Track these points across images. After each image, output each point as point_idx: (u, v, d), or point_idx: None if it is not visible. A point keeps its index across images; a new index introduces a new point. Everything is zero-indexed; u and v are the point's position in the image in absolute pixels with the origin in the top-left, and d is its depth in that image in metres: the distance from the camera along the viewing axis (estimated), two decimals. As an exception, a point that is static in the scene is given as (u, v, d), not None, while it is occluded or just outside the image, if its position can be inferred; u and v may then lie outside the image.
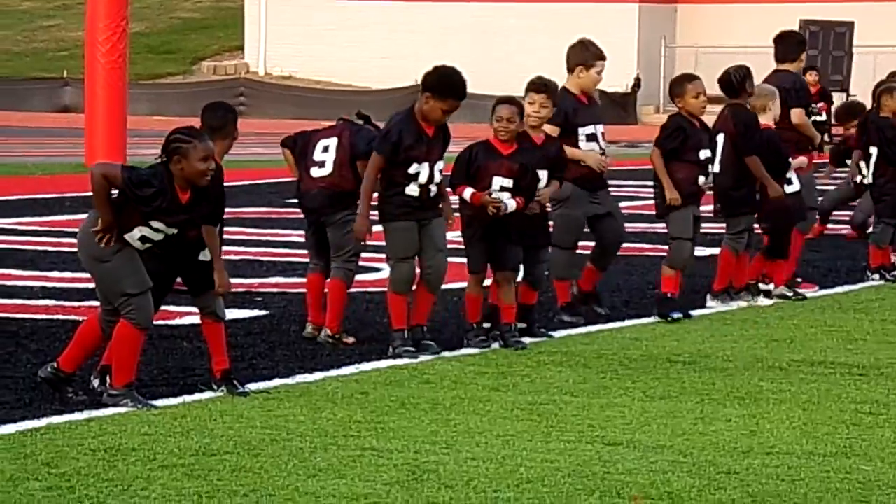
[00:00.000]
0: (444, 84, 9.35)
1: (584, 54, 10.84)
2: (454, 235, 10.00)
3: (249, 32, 45.79)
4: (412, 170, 9.33)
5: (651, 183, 11.31)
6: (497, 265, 9.77)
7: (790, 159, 11.81)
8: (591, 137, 10.78)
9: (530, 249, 10.04)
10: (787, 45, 12.71)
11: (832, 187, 17.00)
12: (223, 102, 8.84)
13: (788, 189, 11.74)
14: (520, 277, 10.08)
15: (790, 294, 11.99)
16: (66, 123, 33.18)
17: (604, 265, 11.15)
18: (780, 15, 38.46)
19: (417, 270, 9.60)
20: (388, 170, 9.36)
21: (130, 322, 7.91)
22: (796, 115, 12.33)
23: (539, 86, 10.11)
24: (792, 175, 11.87)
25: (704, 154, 11.08)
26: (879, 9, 38.86)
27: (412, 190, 9.35)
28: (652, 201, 11.47)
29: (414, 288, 9.54)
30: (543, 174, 9.98)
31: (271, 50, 45.26)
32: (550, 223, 10.47)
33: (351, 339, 9.78)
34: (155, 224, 7.95)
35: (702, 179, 11.06)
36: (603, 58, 10.85)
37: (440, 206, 9.52)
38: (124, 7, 23.31)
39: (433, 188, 9.41)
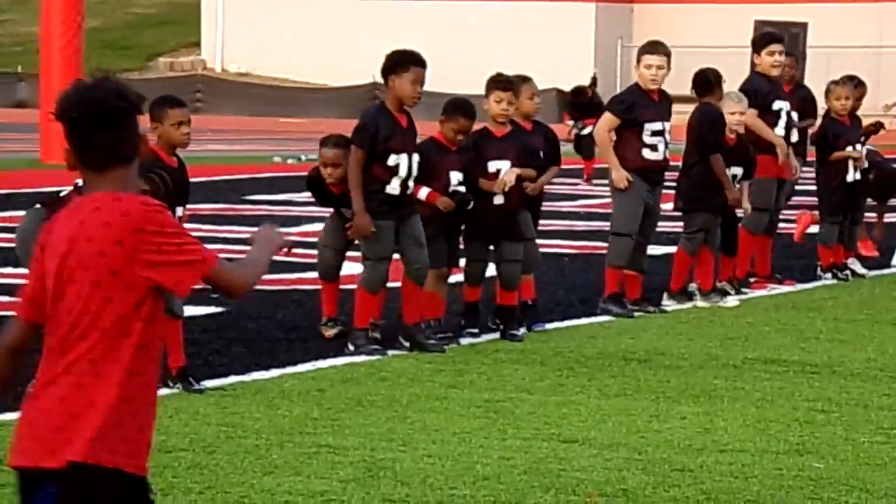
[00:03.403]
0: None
1: (643, 55, 11.12)
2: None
3: (206, 28, 45.64)
4: (391, 161, 9.34)
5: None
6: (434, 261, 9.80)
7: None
8: (658, 133, 10.97)
9: (499, 245, 10.09)
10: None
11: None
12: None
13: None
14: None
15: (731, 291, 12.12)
16: (21, 119, 32.97)
17: (636, 264, 11.09)
18: (735, 15, 38.68)
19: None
20: (367, 165, 9.36)
21: None
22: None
23: (504, 83, 10.17)
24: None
25: None
26: (832, 10, 39.11)
27: (393, 188, 9.35)
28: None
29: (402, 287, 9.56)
30: (506, 164, 10.06)
31: (228, 46, 45.14)
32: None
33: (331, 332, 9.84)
34: None
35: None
36: (657, 52, 11.08)
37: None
38: (80, 2, 23.21)
39: (411, 184, 9.44)
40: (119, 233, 3.86)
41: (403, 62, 9.38)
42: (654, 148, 10.97)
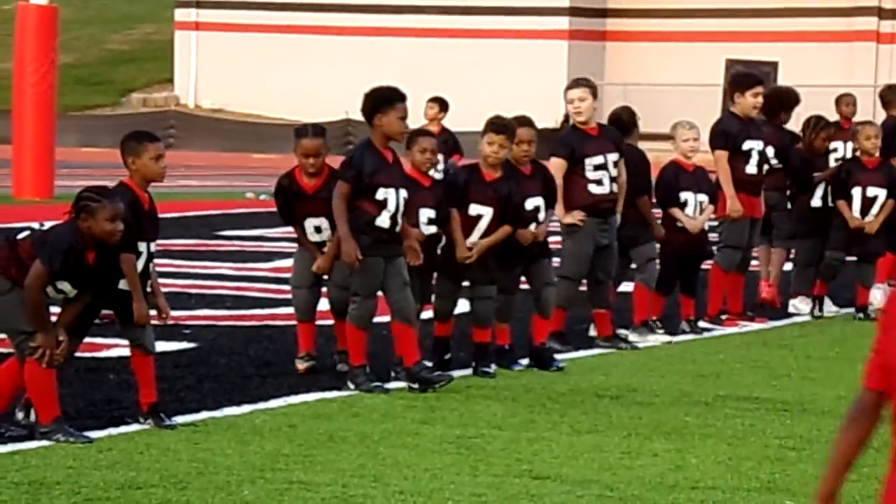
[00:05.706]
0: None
1: (566, 91, 11.16)
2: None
3: (180, 65, 45.67)
4: (380, 195, 9.36)
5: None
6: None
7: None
8: (600, 167, 10.99)
9: (472, 283, 10.07)
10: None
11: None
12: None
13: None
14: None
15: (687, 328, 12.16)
16: (-7, 154, 32.86)
17: (602, 302, 11.16)
18: (706, 54, 38.89)
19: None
20: (356, 200, 9.37)
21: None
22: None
23: (499, 126, 10.13)
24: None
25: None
26: (803, 49, 39.37)
27: (383, 221, 9.36)
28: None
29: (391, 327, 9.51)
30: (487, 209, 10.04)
31: (201, 82, 45.17)
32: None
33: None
34: (60, 285, 7.85)
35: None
36: (577, 86, 11.11)
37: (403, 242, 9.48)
38: (53, 38, 23.20)
39: (399, 220, 9.44)
40: None
41: (389, 100, 9.41)
42: (598, 182, 11.00)
